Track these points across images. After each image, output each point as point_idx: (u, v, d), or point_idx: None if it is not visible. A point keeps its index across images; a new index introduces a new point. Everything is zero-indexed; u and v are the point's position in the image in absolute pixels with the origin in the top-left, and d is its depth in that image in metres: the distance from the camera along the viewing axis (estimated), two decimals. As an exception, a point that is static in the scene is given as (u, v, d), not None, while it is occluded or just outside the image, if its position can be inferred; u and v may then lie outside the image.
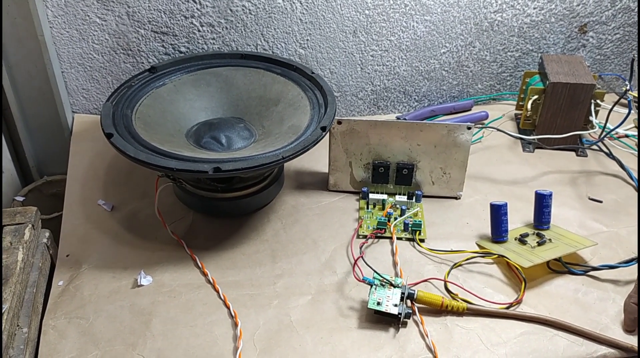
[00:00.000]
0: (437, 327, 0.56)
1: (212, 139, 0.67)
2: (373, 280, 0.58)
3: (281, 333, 0.55)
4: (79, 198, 0.71)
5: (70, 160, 0.76)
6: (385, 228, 0.67)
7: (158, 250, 0.64)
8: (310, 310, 0.58)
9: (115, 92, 0.68)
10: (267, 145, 0.64)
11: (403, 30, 0.83)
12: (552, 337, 0.56)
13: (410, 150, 0.71)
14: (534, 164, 0.79)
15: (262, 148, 0.63)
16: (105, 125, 0.62)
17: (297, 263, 0.63)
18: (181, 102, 0.71)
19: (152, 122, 0.67)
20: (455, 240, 0.67)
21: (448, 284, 0.61)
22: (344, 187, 0.74)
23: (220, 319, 0.56)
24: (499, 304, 0.59)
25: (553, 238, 0.66)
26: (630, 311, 0.57)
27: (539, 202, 0.67)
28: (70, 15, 0.74)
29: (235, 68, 0.75)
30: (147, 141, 0.61)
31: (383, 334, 0.56)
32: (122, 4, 0.74)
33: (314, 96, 0.69)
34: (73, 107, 0.82)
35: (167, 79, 0.72)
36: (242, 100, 0.73)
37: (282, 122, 0.69)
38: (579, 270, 0.63)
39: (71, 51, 0.77)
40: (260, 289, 0.60)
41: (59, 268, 0.62)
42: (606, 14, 0.88)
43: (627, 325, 0.57)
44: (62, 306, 0.57)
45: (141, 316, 0.56)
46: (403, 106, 0.91)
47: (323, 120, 0.64)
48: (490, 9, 0.83)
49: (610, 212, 0.71)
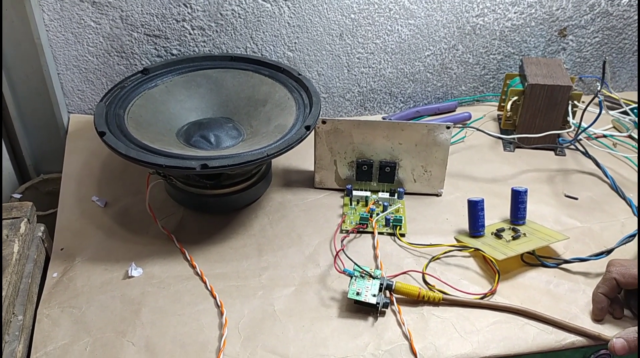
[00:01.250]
0: (414, 316, 0.59)
1: (201, 138, 0.70)
2: (353, 272, 0.61)
3: (265, 322, 0.58)
4: (74, 194, 0.73)
5: (66, 158, 0.78)
6: (367, 223, 0.70)
7: (149, 244, 0.67)
8: (294, 300, 0.60)
9: (109, 92, 0.71)
10: (254, 144, 0.67)
11: (388, 34, 0.86)
12: (523, 325, 0.58)
13: (392, 149, 0.73)
14: (514, 163, 0.82)
15: (249, 146, 0.66)
16: (98, 124, 0.65)
17: (282, 256, 0.66)
18: (172, 103, 0.74)
19: (143, 121, 0.70)
20: (435, 234, 0.69)
21: (426, 276, 0.63)
22: (329, 184, 0.76)
23: (207, 308, 0.59)
24: (473, 295, 0.61)
25: (528, 233, 0.68)
26: (597, 301, 0.59)
27: (514, 198, 0.70)
28: (66, 19, 0.77)
29: (225, 70, 0.78)
30: (138, 140, 0.64)
31: (362, 323, 0.58)
32: (116, 9, 0.77)
33: (300, 97, 0.72)
34: (69, 108, 0.85)
35: (159, 80, 0.75)
36: (231, 101, 0.76)
37: (269, 122, 0.72)
38: (552, 263, 0.66)
39: (67, 54, 0.80)
40: (246, 281, 0.63)
41: (54, 261, 0.64)
42: (585, 18, 0.91)
43: (595, 314, 0.60)
44: (56, 296, 0.60)
45: (131, 305, 0.59)
46: (389, 107, 0.94)
47: (307, 119, 0.67)
48: (472, 13, 0.86)
49: (585, 209, 0.74)
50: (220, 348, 0.55)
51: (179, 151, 0.64)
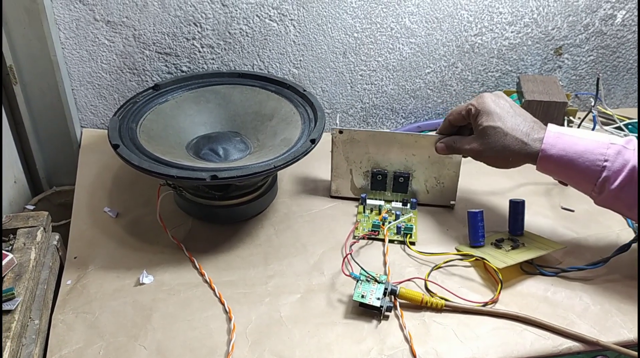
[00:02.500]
0: (416, 323, 0.61)
1: (210, 151, 0.73)
2: (359, 276, 0.63)
3: (271, 327, 0.60)
4: (87, 205, 0.76)
5: (79, 171, 0.81)
6: (379, 231, 0.72)
7: (159, 253, 0.69)
8: (299, 307, 0.62)
9: (122, 107, 0.74)
10: (261, 156, 0.70)
11: (390, 52, 0.89)
12: (522, 331, 0.60)
13: (406, 160, 0.76)
14: (512, 176, 0.85)
15: (256, 159, 0.68)
16: (112, 137, 0.68)
17: (287, 265, 0.68)
18: (182, 117, 0.77)
19: (155, 135, 0.73)
20: (445, 244, 0.72)
21: (429, 283, 0.66)
22: (345, 193, 0.79)
23: (216, 314, 0.61)
24: (474, 302, 0.63)
25: (526, 243, 0.71)
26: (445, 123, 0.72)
27: (512, 209, 0.72)
28: (81, 37, 0.80)
29: (233, 86, 0.81)
30: (150, 152, 0.67)
31: (366, 327, 0.60)
32: (129, 27, 0.81)
33: (305, 112, 0.75)
34: (82, 122, 0.88)
35: (169, 96, 0.78)
36: (238, 115, 0.79)
37: (275, 135, 0.75)
38: (550, 272, 0.68)
39: (81, 70, 0.83)
40: (253, 288, 0.65)
41: (68, 269, 0.66)
42: (580, 37, 0.94)
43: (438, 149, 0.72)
44: (70, 302, 0.62)
45: (143, 311, 0.61)
46: (391, 123, 0.97)
47: (312, 133, 0.70)
48: (470, 33, 0.89)
49: (581, 221, 0.76)
50: (229, 353, 0.57)
51: (189, 163, 0.67)
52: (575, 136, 0.63)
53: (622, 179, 0.61)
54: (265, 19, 0.83)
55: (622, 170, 0.61)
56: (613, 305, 0.64)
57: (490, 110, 0.67)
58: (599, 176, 0.62)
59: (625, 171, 0.61)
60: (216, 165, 0.69)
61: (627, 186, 0.61)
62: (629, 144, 0.62)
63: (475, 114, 0.68)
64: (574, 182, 0.65)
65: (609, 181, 0.62)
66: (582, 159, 0.62)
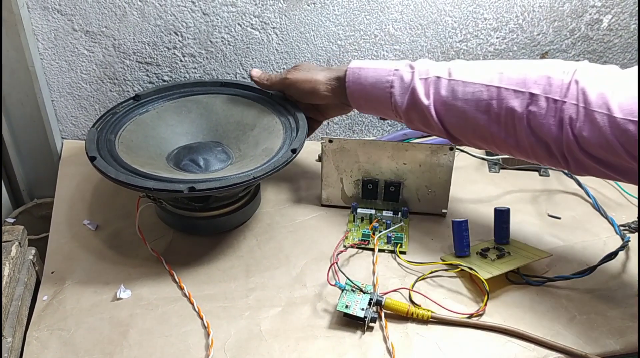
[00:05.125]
0: (399, 335, 0.60)
1: (190, 161, 0.72)
2: (344, 285, 0.62)
3: (251, 342, 0.59)
4: (66, 218, 0.75)
5: (58, 183, 0.80)
6: (368, 240, 0.71)
7: (138, 266, 0.68)
8: (280, 321, 0.61)
9: (101, 118, 0.73)
10: (242, 166, 0.69)
11: (374, 59, 0.88)
12: (506, 343, 0.59)
13: (397, 168, 0.75)
14: (499, 184, 0.84)
15: (237, 169, 0.67)
16: (89, 149, 0.66)
17: (269, 277, 0.67)
18: (163, 128, 0.76)
19: (134, 146, 0.72)
20: (438, 253, 0.71)
21: (414, 294, 0.64)
22: (336, 202, 0.78)
23: (194, 329, 0.60)
24: (460, 314, 0.62)
25: (512, 252, 0.70)
26: None
27: (497, 218, 0.71)
28: (60, 48, 0.79)
29: (215, 95, 0.80)
30: (128, 164, 0.66)
31: (348, 340, 0.59)
32: (108, 37, 0.80)
33: (287, 121, 0.74)
34: (62, 134, 0.87)
35: (150, 106, 0.77)
36: (220, 125, 0.78)
37: (257, 145, 0.74)
38: (536, 281, 0.67)
39: (60, 81, 0.82)
40: (233, 301, 0.63)
41: (44, 284, 0.65)
42: (566, 42, 0.93)
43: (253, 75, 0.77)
44: (45, 319, 0.61)
45: (119, 327, 0.60)
46: (377, 130, 0.96)
47: (294, 143, 0.69)
48: (455, 39, 0.89)
49: (567, 228, 0.75)
50: (207, 369, 0.56)
51: (168, 174, 0.66)
52: (370, 69, 0.68)
53: (407, 101, 0.66)
54: (247, 28, 0.82)
55: (405, 93, 0.66)
56: (599, 314, 0.63)
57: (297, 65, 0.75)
58: (390, 102, 0.67)
59: (407, 93, 0.65)
60: (195, 176, 0.68)
61: (412, 107, 0.66)
62: (411, 68, 0.66)
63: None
64: (382, 113, 0.70)
65: (399, 105, 0.66)
66: (376, 90, 0.67)
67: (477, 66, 0.65)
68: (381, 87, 0.67)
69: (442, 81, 0.64)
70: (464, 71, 0.64)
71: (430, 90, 0.65)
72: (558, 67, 0.60)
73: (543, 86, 0.59)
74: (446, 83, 0.64)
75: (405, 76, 0.66)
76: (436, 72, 0.65)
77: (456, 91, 0.64)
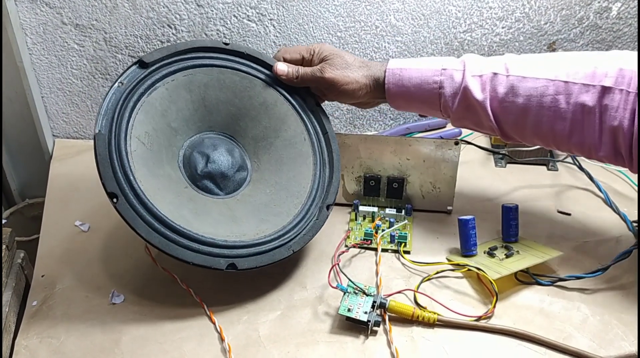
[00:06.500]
0: (404, 339, 0.57)
1: (209, 180, 0.64)
2: (346, 288, 0.59)
3: (248, 349, 0.56)
4: (57, 219, 0.72)
5: (49, 183, 0.77)
6: (371, 239, 0.69)
7: (132, 269, 0.65)
8: (279, 325, 0.59)
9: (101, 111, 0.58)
10: (268, 203, 0.64)
11: (375, 51, 0.85)
12: (516, 347, 0.57)
13: (400, 164, 0.72)
14: (506, 179, 0.81)
15: (265, 211, 0.63)
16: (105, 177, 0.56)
17: (267, 279, 0.64)
18: (173, 114, 0.64)
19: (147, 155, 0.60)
20: (442, 253, 0.68)
21: (419, 296, 0.62)
22: (337, 199, 0.74)
23: (190, 336, 0.57)
24: (468, 316, 0.59)
25: (521, 250, 0.67)
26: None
27: (505, 215, 0.68)
28: (49, 42, 0.77)
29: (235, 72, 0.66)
30: (154, 207, 0.56)
31: (350, 345, 0.56)
32: (99, 31, 0.77)
33: (317, 144, 0.66)
34: (54, 131, 0.84)
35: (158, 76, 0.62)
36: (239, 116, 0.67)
37: (280, 164, 0.66)
38: (546, 281, 0.64)
39: (50, 77, 0.79)
40: (230, 306, 0.61)
41: (34, 289, 0.63)
42: (574, 31, 0.90)
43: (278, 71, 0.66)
44: (34, 326, 0.58)
45: (111, 334, 0.57)
46: (379, 124, 0.93)
47: (329, 196, 0.65)
48: (459, 29, 0.86)
49: (578, 225, 0.73)
50: (203, 377, 0.53)
51: (201, 232, 0.57)
52: (413, 68, 0.64)
53: (459, 101, 0.62)
54: (244, 19, 0.79)
55: (457, 93, 0.62)
56: (613, 315, 0.60)
57: (330, 47, 0.67)
58: (439, 102, 0.63)
59: (459, 93, 0.62)
60: (226, 230, 0.60)
61: (464, 107, 0.62)
62: (461, 65, 0.63)
63: (318, 49, 0.67)
64: (426, 112, 0.66)
65: (449, 106, 0.63)
66: (421, 91, 0.63)
67: (536, 59, 0.61)
68: (428, 88, 0.63)
69: (500, 77, 0.61)
70: (522, 65, 0.61)
71: (486, 87, 0.61)
72: (627, 58, 0.57)
73: (615, 77, 0.56)
74: (504, 79, 0.60)
75: (455, 74, 0.62)
76: (492, 68, 0.61)
77: (516, 87, 0.60)
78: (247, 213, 0.63)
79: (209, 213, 0.61)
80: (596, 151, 0.59)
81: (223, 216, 0.62)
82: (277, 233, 0.61)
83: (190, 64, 0.64)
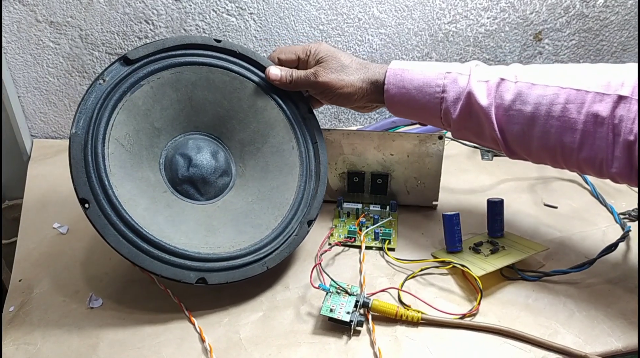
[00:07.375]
0: (387, 339, 0.56)
1: (189, 184, 0.62)
2: (329, 288, 0.58)
3: (229, 351, 0.55)
4: (35, 222, 0.70)
5: (27, 184, 0.76)
6: (355, 237, 0.68)
7: (111, 272, 0.64)
8: (261, 327, 0.58)
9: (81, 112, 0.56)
10: (248, 213, 0.62)
11: (358, 44, 0.84)
12: (501, 344, 0.56)
13: (384, 160, 0.71)
14: (492, 172, 0.80)
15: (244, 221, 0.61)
16: (77, 183, 0.54)
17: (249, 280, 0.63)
18: (157, 113, 0.61)
19: (125, 157, 0.58)
20: (426, 249, 0.67)
21: (403, 294, 0.61)
22: None
23: (169, 340, 0.56)
24: (452, 315, 0.59)
25: (506, 245, 0.66)
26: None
27: (490, 210, 0.67)
28: (24, 41, 0.75)
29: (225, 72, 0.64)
30: (127, 215, 0.55)
31: (333, 346, 0.55)
32: (74, 28, 0.75)
33: (306, 155, 0.65)
34: (32, 131, 0.82)
35: (142, 74, 0.59)
36: (226, 117, 0.65)
37: (265, 171, 0.65)
38: (532, 276, 0.63)
39: (26, 76, 0.77)
40: (211, 308, 0.60)
41: (11, 294, 0.61)
42: (560, 21, 0.89)
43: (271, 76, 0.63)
44: (11, 332, 0.57)
45: (89, 339, 0.56)
46: (364, 118, 0.92)
47: (311, 211, 0.63)
48: (443, 20, 0.84)
49: (564, 217, 0.72)
50: (182, 382, 0.52)
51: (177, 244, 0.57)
52: (415, 70, 0.60)
53: (461, 107, 0.58)
54: (223, 14, 0.78)
55: (460, 99, 0.58)
56: (600, 310, 0.59)
57: (328, 48, 0.64)
58: (440, 108, 0.59)
59: (462, 99, 0.58)
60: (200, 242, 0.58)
61: (466, 115, 0.58)
62: (466, 70, 0.59)
63: (314, 50, 0.63)
64: (425, 119, 0.62)
65: (450, 112, 0.59)
66: (422, 94, 0.60)
67: (547, 68, 0.57)
68: (429, 91, 0.59)
69: (507, 84, 0.57)
70: (532, 73, 0.57)
71: (492, 93, 0.57)
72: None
73: (633, 87, 0.52)
74: (512, 86, 0.56)
75: (460, 78, 0.58)
76: (500, 74, 0.58)
77: (525, 94, 0.56)
78: (225, 222, 0.62)
79: (185, 221, 0.60)
80: (608, 167, 0.54)
81: (199, 226, 0.60)
82: (253, 247, 0.60)
83: (178, 62, 0.61)
